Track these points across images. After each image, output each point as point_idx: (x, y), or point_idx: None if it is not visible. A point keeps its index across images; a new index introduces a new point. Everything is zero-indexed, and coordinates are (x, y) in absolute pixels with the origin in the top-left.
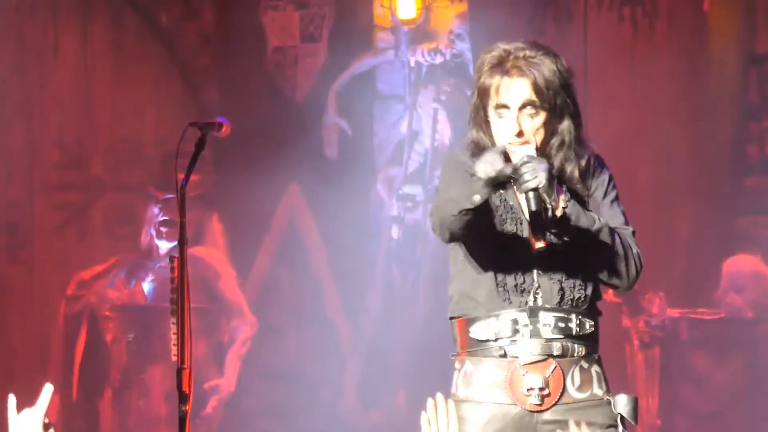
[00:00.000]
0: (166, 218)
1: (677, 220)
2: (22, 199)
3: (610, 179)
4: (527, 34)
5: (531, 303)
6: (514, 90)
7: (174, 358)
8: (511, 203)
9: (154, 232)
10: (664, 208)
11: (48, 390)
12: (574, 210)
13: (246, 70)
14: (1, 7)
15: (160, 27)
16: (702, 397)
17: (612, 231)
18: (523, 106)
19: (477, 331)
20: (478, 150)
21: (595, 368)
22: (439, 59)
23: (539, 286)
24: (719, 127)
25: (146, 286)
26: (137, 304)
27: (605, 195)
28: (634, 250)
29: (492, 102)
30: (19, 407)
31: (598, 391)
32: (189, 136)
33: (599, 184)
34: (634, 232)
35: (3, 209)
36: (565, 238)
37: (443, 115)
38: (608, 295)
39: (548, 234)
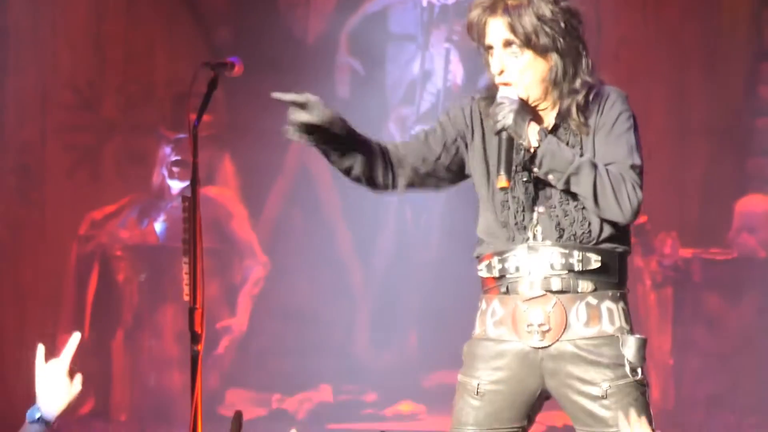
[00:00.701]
0: (178, 158)
1: (690, 161)
2: (34, 140)
3: (620, 114)
4: None
5: (531, 240)
6: (492, 30)
7: (186, 298)
8: None
9: (166, 172)
10: (677, 149)
11: (75, 339)
12: (548, 149)
13: (258, 10)
14: None
15: None
16: (714, 337)
17: (594, 166)
18: (505, 45)
19: (485, 269)
20: (491, 89)
21: (606, 305)
22: None
23: (538, 223)
24: (732, 67)
25: (158, 226)
26: (149, 244)
27: (611, 129)
28: (628, 184)
29: (483, 42)
30: (33, 346)
31: (608, 327)
32: (201, 76)
33: (608, 119)
34: (633, 165)
35: (15, 150)
36: (549, 177)
37: (455, 55)
38: None
39: (513, 176)
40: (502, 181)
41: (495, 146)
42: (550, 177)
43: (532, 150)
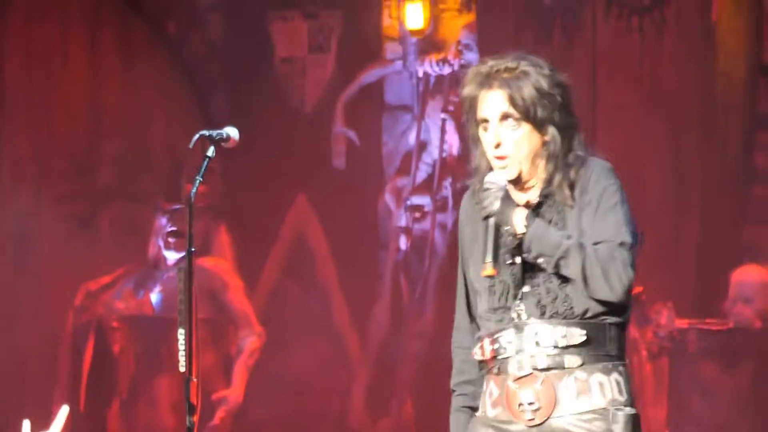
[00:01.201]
0: (174, 229)
1: (685, 230)
2: (30, 208)
3: (606, 189)
4: (535, 44)
5: (516, 318)
6: (490, 103)
7: (182, 369)
8: None
9: (161, 243)
10: (672, 218)
11: (63, 412)
12: (535, 234)
13: (254, 80)
14: (10, 16)
15: (168, 35)
16: (710, 408)
17: (582, 248)
18: (502, 119)
19: (479, 352)
20: (479, 171)
21: (597, 378)
22: (447, 69)
23: (521, 301)
24: (727, 135)
25: (154, 296)
26: (145, 315)
27: (597, 207)
28: (618, 263)
29: (477, 116)
30: (26, 415)
31: (599, 401)
32: (197, 146)
33: (594, 195)
34: (623, 243)
35: (11, 218)
36: (539, 261)
37: (451, 125)
38: None
39: (499, 261)
40: (488, 269)
41: (481, 232)
42: (540, 261)
43: (517, 237)
